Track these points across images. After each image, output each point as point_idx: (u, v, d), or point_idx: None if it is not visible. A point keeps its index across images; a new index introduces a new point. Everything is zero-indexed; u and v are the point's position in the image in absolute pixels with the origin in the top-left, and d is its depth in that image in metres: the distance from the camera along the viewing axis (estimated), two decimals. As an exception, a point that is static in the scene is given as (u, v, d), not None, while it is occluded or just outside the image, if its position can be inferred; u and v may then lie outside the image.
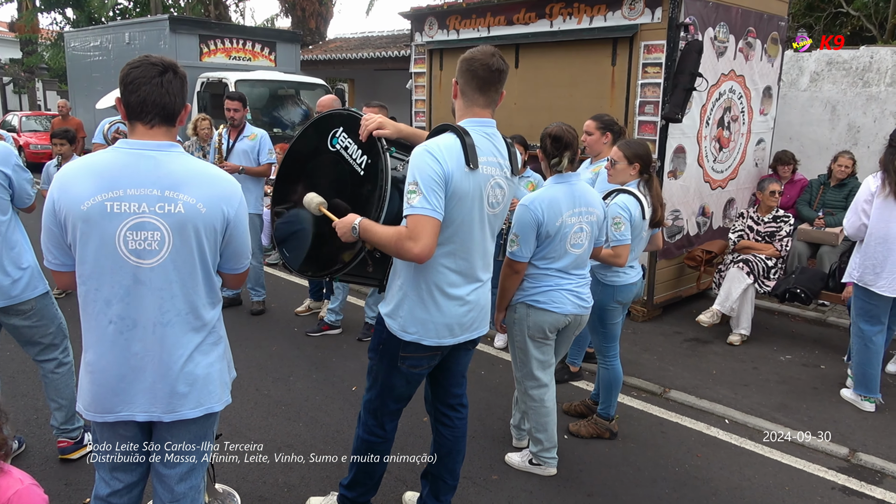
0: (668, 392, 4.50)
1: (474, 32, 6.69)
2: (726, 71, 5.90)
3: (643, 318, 5.87)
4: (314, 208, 2.60)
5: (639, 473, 3.52)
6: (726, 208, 6.47)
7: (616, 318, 3.68)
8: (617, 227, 3.42)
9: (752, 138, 6.53)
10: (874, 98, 8.51)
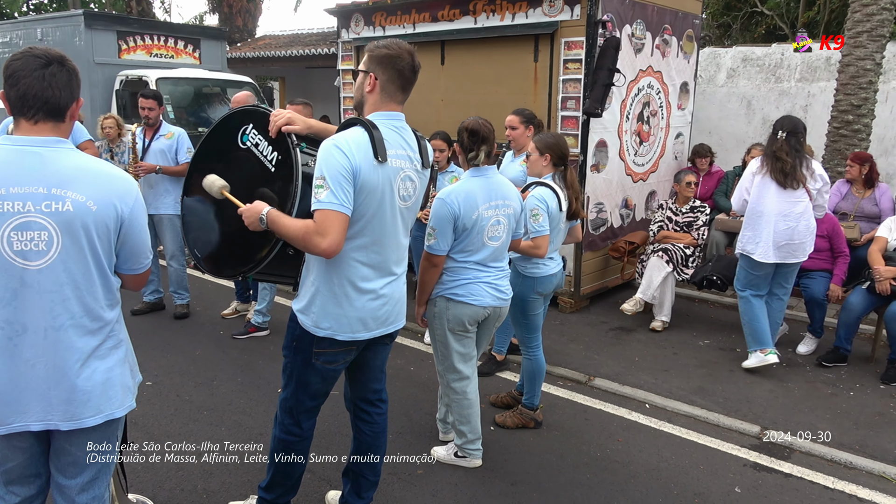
0: (593, 380, 4.61)
1: (400, 29, 6.68)
2: (644, 67, 6.09)
3: (571, 310, 5.99)
4: (216, 192, 2.54)
5: (562, 460, 3.60)
6: (648, 200, 6.68)
7: (537, 310, 3.75)
8: (535, 219, 3.48)
9: (670, 132, 6.76)
10: (786, 93, 8.94)
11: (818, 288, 4.97)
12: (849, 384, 4.60)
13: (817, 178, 4.49)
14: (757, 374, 4.74)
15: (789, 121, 4.54)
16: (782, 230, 4.47)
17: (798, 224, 4.47)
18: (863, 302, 4.75)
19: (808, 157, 4.53)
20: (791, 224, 4.46)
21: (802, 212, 4.47)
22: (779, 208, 4.47)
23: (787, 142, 4.44)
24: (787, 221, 4.46)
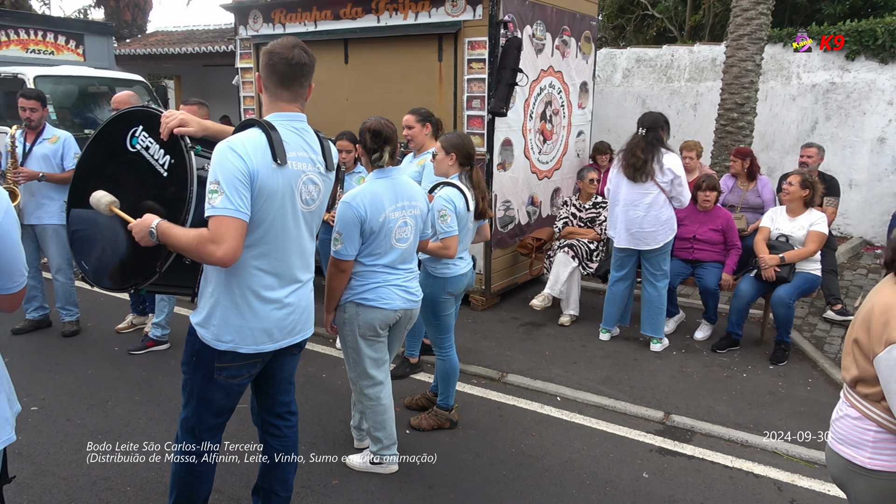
0: (506, 376, 4.66)
1: (301, 27, 6.51)
2: (545, 67, 6.22)
3: (482, 307, 6.04)
4: (104, 209, 2.35)
5: (478, 459, 3.61)
6: (553, 197, 6.84)
7: (448, 310, 3.74)
8: (443, 220, 3.47)
9: (572, 130, 6.95)
10: (676, 92, 9.42)
11: (711, 278, 5.25)
12: (742, 366, 4.89)
13: (666, 171, 4.75)
14: (659, 361, 4.96)
15: (649, 118, 4.86)
16: (631, 219, 4.91)
17: (647, 214, 4.84)
18: (751, 289, 5.05)
19: (661, 152, 4.78)
20: (639, 214, 4.86)
21: (650, 203, 4.82)
22: (629, 199, 4.90)
23: (645, 138, 4.80)
24: (636, 211, 4.86)
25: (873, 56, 7.95)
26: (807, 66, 8.42)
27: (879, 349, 1.82)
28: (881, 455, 1.91)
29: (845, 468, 2.00)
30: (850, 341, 1.98)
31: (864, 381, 1.93)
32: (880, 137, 8.05)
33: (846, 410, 2.01)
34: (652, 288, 5.10)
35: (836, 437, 2.04)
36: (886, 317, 1.81)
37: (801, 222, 4.96)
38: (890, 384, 1.80)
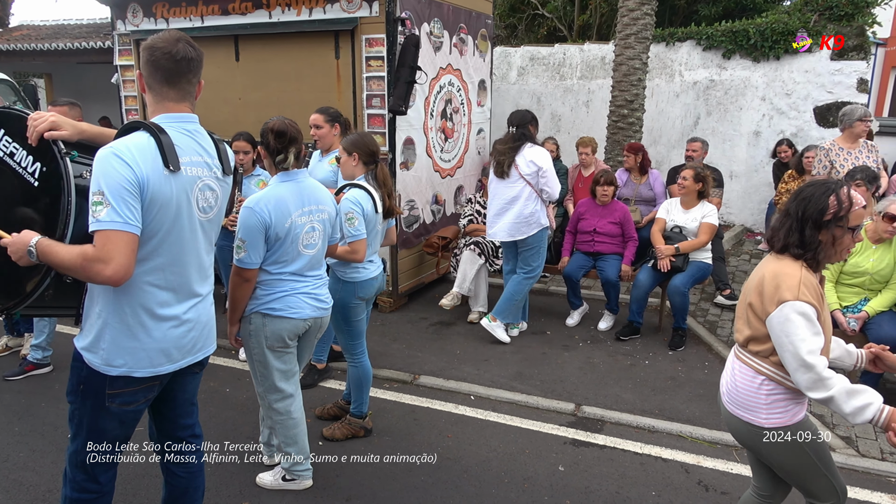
0: (418, 378, 4.61)
1: (186, 22, 6.14)
2: (444, 65, 6.21)
3: (390, 309, 5.95)
4: None
5: (395, 466, 3.53)
6: (457, 195, 6.85)
7: (360, 315, 3.63)
8: (350, 223, 3.35)
9: (472, 128, 6.98)
10: (570, 90, 9.70)
11: (612, 270, 5.42)
12: (644, 354, 5.09)
13: (529, 164, 4.87)
14: (567, 354, 5.07)
15: (517, 115, 5.03)
16: (500, 212, 5.04)
17: (512, 207, 4.96)
18: (649, 278, 5.27)
19: (527, 146, 4.90)
20: (506, 207, 4.99)
21: (514, 196, 4.95)
22: (498, 194, 5.05)
23: (512, 135, 4.95)
24: (504, 205, 5.00)
25: (747, 55, 8.52)
26: (688, 64, 8.90)
27: (772, 308, 2.07)
28: (774, 413, 2.16)
29: (748, 431, 2.24)
30: (743, 306, 2.24)
31: (755, 340, 2.18)
32: (755, 131, 8.65)
33: (738, 372, 2.24)
34: (516, 276, 5.18)
35: (732, 401, 2.26)
36: (777, 281, 2.09)
37: (694, 214, 5.22)
38: (781, 338, 2.06)
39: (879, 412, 1.97)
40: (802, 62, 8.25)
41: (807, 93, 8.30)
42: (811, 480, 2.27)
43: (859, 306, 4.20)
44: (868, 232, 4.21)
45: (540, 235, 5.06)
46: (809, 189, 2.16)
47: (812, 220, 2.10)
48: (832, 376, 2.01)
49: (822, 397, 2.01)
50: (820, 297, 2.11)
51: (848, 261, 4.22)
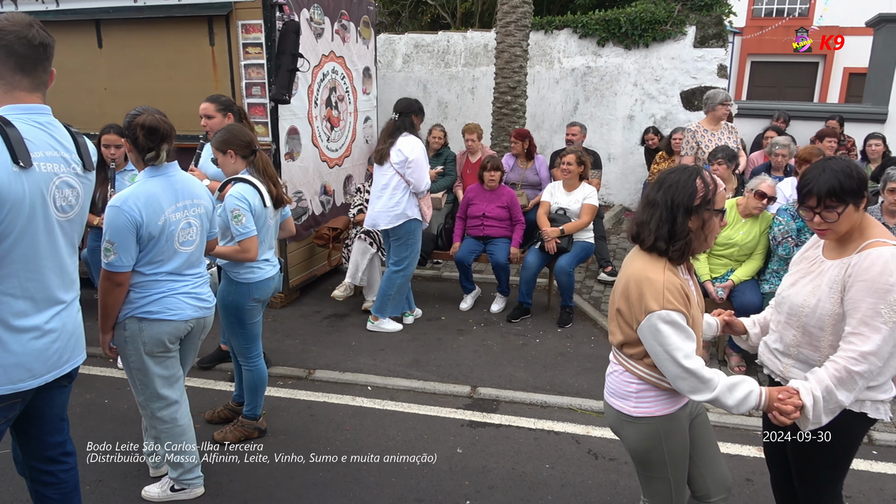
0: (314, 373, 4.52)
1: (38, 5, 5.62)
2: (326, 52, 6.07)
3: (282, 304, 5.80)
4: None
5: (292, 464, 3.45)
6: (346, 185, 6.75)
7: (256, 317, 3.50)
8: (238, 220, 3.21)
9: (359, 117, 6.89)
10: (455, 77, 9.78)
11: (501, 253, 5.55)
12: (535, 333, 5.26)
13: (398, 152, 4.89)
14: (462, 338, 5.15)
15: (402, 103, 5.02)
16: (374, 200, 5.04)
17: (382, 195, 4.97)
18: (536, 260, 5.44)
19: (403, 135, 4.90)
20: (378, 195, 4.99)
21: (385, 185, 4.95)
22: (375, 180, 5.08)
23: (393, 122, 4.94)
24: (377, 192, 5.00)
25: (619, 43, 8.93)
26: (566, 51, 9.22)
27: (641, 317, 2.02)
28: (643, 403, 2.16)
29: (617, 417, 2.25)
30: (613, 310, 2.20)
31: (628, 344, 2.15)
32: (629, 115, 9.11)
33: (615, 367, 2.26)
34: (387, 270, 5.20)
35: (608, 390, 2.29)
36: (640, 289, 2.03)
37: (576, 196, 5.43)
38: (654, 347, 2.02)
39: (759, 397, 2.03)
40: (669, 50, 8.77)
41: (674, 78, 8.83)
42: (655, 479, 2.26)
43: (726, 276, 4.55)
44: (739, 207, 4.55)
45: (407, 227, 5.01)
46: (673, 176, 2.08)
47: (683, 207, 2.02)
48: (713, 377, 2.01)
49: (706, 399, 2.01)
50: (685, 297, 2.05)
51: (720, 233, 4.54)
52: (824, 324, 2.10)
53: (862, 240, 2.08)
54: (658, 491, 2.27)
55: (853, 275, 2.02)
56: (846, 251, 2.11)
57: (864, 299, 1.98)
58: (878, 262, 1.98)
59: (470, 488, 3.26)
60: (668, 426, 2.17)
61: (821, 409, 2.02)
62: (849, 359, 1.99)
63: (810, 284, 2.18)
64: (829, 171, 2.06)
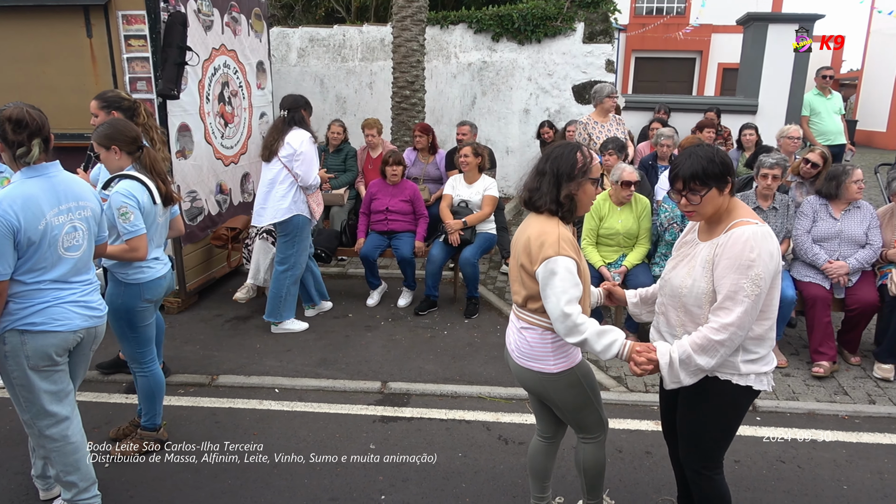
0: (217, 379, 4.36)
1: None
2: (217, 45, 5.84)
3: (179, 309, 5.54)
4: None
5: (198, 474, 3.31)
6: (243, 183, 6.53)
7: (148, 319, 3.32)
8: (126, 218, 3.04)
9: (254, 112, 6.68)
10: (352, 71, 9.68)
11: (406, 247, 5.57)
12: (442, 325, 5.31)
13: (286, 145, 4.85)
14: (370, 334, 5.12)
15: (288, 99, 4.97)
16: (262, 196, 4.95)
17: (270, 190, 4.88)
18: (441, 253, 5.49)
19: (290, 129, 4.87)
20: (265, 190, 4.91)
21: (272, 179, 4.87)
22: (262, 176, 5.00)
23: (282, 118, 4.91)
24: (264, 188, 4.92)
25: (513, 38, 9.15)
26: (462, 46, 9.34)
27: (537, 266, 2.29)
28: (562, 359, 2.43)
29: (538, 379, 2.48)
30: (516, 268, 2.44)
31: (532, 298, 2.39)
32: (525, 109, 9.36)
33: (522, 330, 2.46)
34: (275, 270, 5.08)
35: (523, 356, 2.47)
36: (541, 240, 2.30)
37: (477, 188, 5.52)
38: (545, 290, 2.28)
39: (623, 347, 2.28)
40: (560, 45, 9.08)
41: (565, 73, 9.16)
42: (587, 415, 2.57)
43: (619, 262, 4.78)
44: (612, 197, 4.80)
45: (294, 223, 4.90)
46: (558, 149, 2.40)
47: (566, 175, 2.33)
48: (585, 321, 2.26)
49: (577, 340, 2.27)
50: (577, 249, 2.36)
51: (602, 225, 4.77)
52: (702, 302, 2.26)
53: (729, 221, 2.25)
54: (590, 422, 2.60)
55: (720, 254, 2.20)
56: (716, 233, 2.29)
57: (728, 275, 2.15)
58: (741, 240, 2.15)
59: (384, 483, 3.26)
60: (582, 370, 2.52)
61: (678, 370, 2.23)
62: (711, 329, 2.18)
63: (687, 266, 2.35)
64: (694, 157, 2.25)
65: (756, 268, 2.11)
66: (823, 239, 4.53)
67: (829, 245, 4.51)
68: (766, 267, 2.13)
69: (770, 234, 2.18)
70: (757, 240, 2.14)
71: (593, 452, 2.66)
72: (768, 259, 2.13)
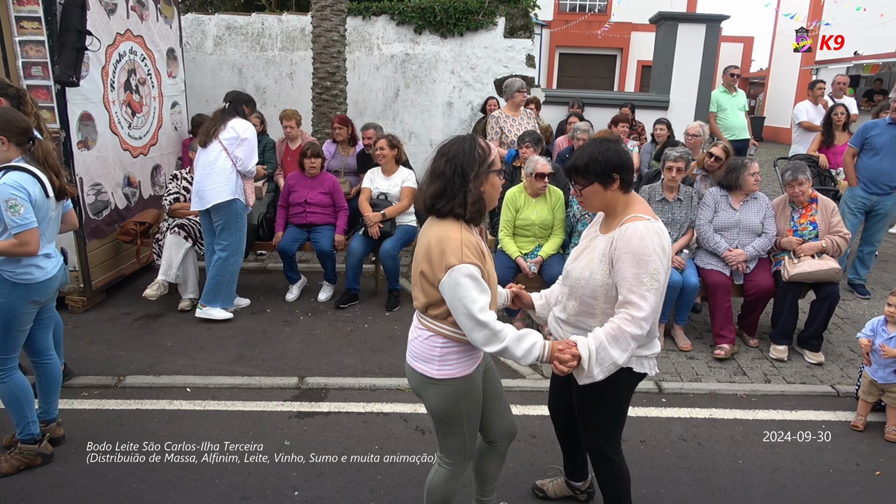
0: (124, 380, 4.18)
1: None
2: (122, 31, 5.57)
3: (84, 308, 5.28)
4: None
5: (101, 480, 3.17)
6: (154, 175, 6.27)
7: (27, 324, 3.11)
8: (15, 211, 2.86)
9: (165, 102, 6.43)
10: (272, 61, 9.44)
11: (325, 241, 5.49)
12: (363, 318, 5.28)
13: (230, 129, 4.86)
14: (288, 329, 5.04)
15: (232, 94, 5.11)
16: (199, 181, 4.89)
17: (208, 174, 4.84)
18: (361, 245, 5.45)
19: (236, 118, 4.89)
20: (203, 174, 4.86)
21: (211, 162, 4.83)
22: (198, 162, 4.95)
23: (223, 109, 4.98)
24: (202, 172, 4.87)
25: (435, 31, 9.15)
26: (385, 38, 9.27)
27: (441, 275, 2.13)
28: (446, 366, 2.28)
29: (420, 380, 2.35)
30: (416, 274, 2.29)
31: (432, 305, 2.25)
32: (448, 102, 9.39)
33: (419, 332, 2.34)
34: (215, 257, 5.03)
35: (412, 355, 2.37)
36: (441, 247, 2.14)
37: (395, 180, 5.50)
38: (453, 301, 2.13)
39: (543, 348, 2.23)
40: (482, 39, 9.14)
41: (487, 67, 9.24)
42: (450, 435, 2.40)
43: (535, 252, 4.88)
44: (527, 189, 4.89)
45: (232, 208, 4.89)
46: (454, 147, 2.21)
47: (472, 172, 2.17)
48: (503, 328, 2.15)
49: (497, 349, 2.16)
50: (482, 254, 2.20)
51: (518, 216, 4.85)
52: (597, 293, 2.32)
53: (626, 215, 2.32)
54: (453, 445, 2.42)
55: (618, 248, 2.25)
56: (612, 226, 2.34)
57: (628, 269, 2.21)
58: (636, 236, 2.21)
59: (298, 479, 3.22)
60: (466, 386, 2.32)
61: (594, 363, 2.24)
62: (623, 320, 2.22)
63: (586, 258, 2.41)
64: (582, 151, 2.31)
65: (652, 262, 2.18)
66: (724, 228, 4.76)
67: (729, 234, 4.75)
68: (661, 261, 2.20)
69: (661, 231, 2.24)
70: (650, 234, 2.20)
71: (443, 481, 2.46)
72: (661, 253, 2.20)
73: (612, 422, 2.52)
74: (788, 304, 4.61)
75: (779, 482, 3.27)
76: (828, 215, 4.67)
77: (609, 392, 2.43)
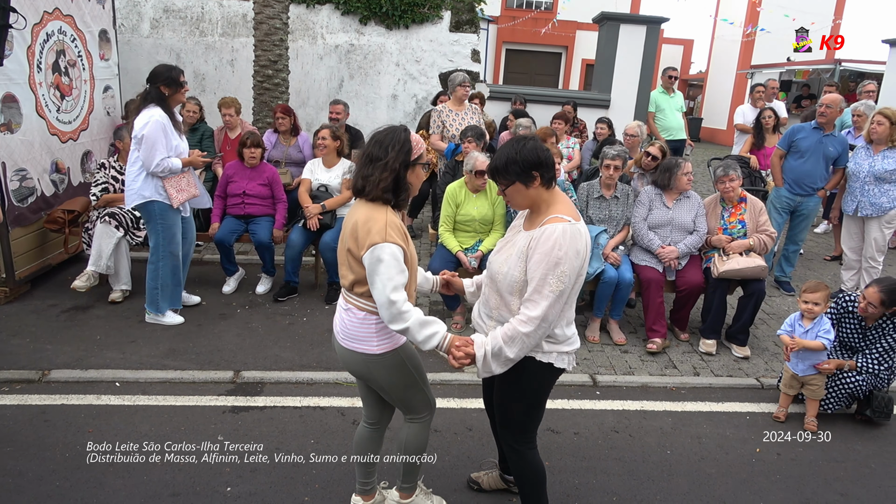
0: (48, 374, 4.02)
1: None
2: (50, 9, 5.32)
3: (7, 300, 5.04)
4: None
5: (21, 478, 3.04)
6: (84, 161, 6.03)
7: None
8: None
9: (97, 85, 6.18)
10: (212, 47, 9.20)
11: (264, 233, 5.39)
12: (302, 311, 5.22)
13: (133, 125, 4.49)
14: (224, 322, 4.93)
15: (153, 71, 4.53)
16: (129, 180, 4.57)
17: (129, 172, 4.52)
18: (301, 238, 5.38)
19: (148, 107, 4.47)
20: (128, 171, 4.53)
21: (133, 160, 4.49)
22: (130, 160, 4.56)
23: (143, 94, 4.50)
24: (128, 168, 4.52)
25: (381, 22, 9.08)
26: (329, 27, 9.14)
27: (365, 252, 2.26)
28: (385, 340, 2.43)
29: (362, 361, 2.46)
30: (343, 252, 2.41)
31: (359, 283, 2.37)
32: (393, 94, 9.35)
33: (351, 314, 2.43)
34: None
35: (348, 337, 2.45)
36: (368, 226, 2.28)
37: (336, 171, 5.45)
38: (372, 276, 2.27)
39: (443, 339, 2.32)
40: (427, 32, 9.13)
41: (433, 60, 9.24)
42: (412, 395, 2.59)
43: (476, 247, 4.92)
44: (468, 185, 4.92)
45: (149, 210, 4.54)
46: (390, 136, 2.34)
47: (403, 162, 2.33)
48: (409, 310, 2.27)
49: (400, 328, 2.28)
50: (405, 236, 2.35)
51: (458, 212, 4.88)
52: (513, 289, 2.36)
53: (548, 214, 2.35)
54: (416, 402, 2.62)
55: (533, 248, 2.29)
56: (534, 224, 2.38)
57: (538, 269, 2.25)
58: (552, 237, 2.24)
59: (231, 475, 3.17)
60: (406, 350, 2.53)
61: (491, 362, 2.33)
62: (520, 321, 2.28)
63: (506, 252, 2.45)
64: (501, 152, 2.35)
65: (563, 265, 2.21)
66: (657, 226, 4.91)
67: (662, 231, 4.90)
68: (572, 264, 2.23)
69: (580, 233, 2.27)
70: (566, 237, 2.23)
71: (417, 433, 2.68)
72: (574, 256, 2.23)
73: (529, 417, 2.56)
74: (717, 300, 4.79)
75: (704, 472, 3.41)
76: (756, 214, 4.88)
77: (529, 388, 2.47)
